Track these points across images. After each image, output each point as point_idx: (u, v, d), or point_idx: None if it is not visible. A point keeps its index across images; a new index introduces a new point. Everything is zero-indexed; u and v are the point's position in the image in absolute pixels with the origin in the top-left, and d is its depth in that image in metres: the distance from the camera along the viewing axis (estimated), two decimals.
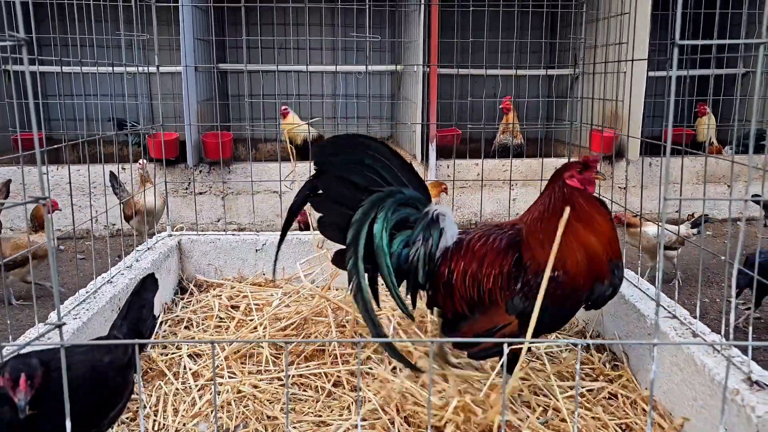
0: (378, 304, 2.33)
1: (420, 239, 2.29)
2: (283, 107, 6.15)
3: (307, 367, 2.69)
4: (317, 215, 2.35)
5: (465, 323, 2.28)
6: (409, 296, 2.40)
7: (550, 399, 2.41)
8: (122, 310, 2.23)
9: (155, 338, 2.88)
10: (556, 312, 2.20)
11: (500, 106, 6.28)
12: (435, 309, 2.44)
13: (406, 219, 2.30)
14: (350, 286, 2.23)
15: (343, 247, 2.28)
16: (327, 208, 2.32)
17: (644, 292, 2.75)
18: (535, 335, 2.17)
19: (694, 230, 4.03)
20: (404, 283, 2.37)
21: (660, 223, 1.40)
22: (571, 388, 2.46)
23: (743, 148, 5.97)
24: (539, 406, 2.38)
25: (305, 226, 4.04)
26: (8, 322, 1.77)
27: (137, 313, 2.21)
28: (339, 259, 2.31)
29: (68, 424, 1.18)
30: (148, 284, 2.32)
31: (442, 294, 2.31)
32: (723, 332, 2.23)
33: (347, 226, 2.25)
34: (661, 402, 2.38)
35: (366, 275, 2.24)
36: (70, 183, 2.76)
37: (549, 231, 2.19)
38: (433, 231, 2.29)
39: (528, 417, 2.26)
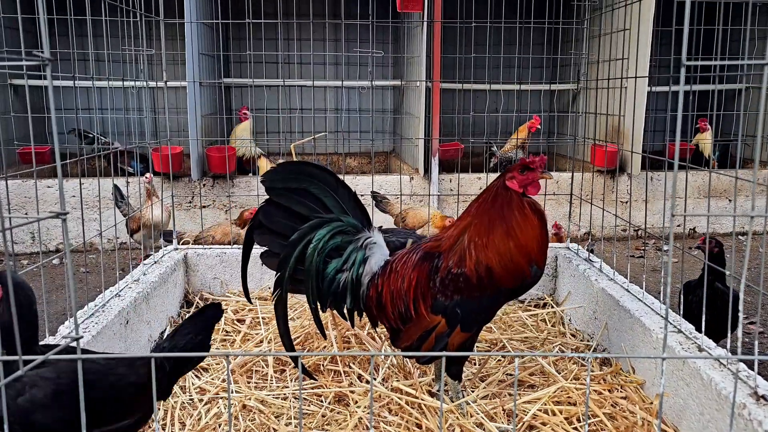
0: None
1: (347, 266, 2.43)
2: (245, 110, 5.96)
3: (313, 380, 2.70)
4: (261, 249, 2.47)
5: (403, 333, 2.42)
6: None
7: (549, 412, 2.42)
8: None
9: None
10: (474, 306, 2.32)
11: (528, 123, 6.27)
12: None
13: (342, 246, 2.42)
14: (273, 295, 2.42)
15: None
16: (269, 240, 2.43)
17: (649, 307, 2.76)
18: (468, 329, 2.32)
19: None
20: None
21: (668, 240, 1.41)
22: (573, 404, 2.47)
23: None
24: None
25: None
26: (17, 336, 1.77)
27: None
28: (266, 260, 2.46)
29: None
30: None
31: (376, 314, 2.46)
32: (729, 346, 2.25)
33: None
34: (667, 416, 2.39)
35: (289, 289, 2.41)
36: (81, 197, 2.77)
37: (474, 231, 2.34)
38: (358, 258, 2.43)
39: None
